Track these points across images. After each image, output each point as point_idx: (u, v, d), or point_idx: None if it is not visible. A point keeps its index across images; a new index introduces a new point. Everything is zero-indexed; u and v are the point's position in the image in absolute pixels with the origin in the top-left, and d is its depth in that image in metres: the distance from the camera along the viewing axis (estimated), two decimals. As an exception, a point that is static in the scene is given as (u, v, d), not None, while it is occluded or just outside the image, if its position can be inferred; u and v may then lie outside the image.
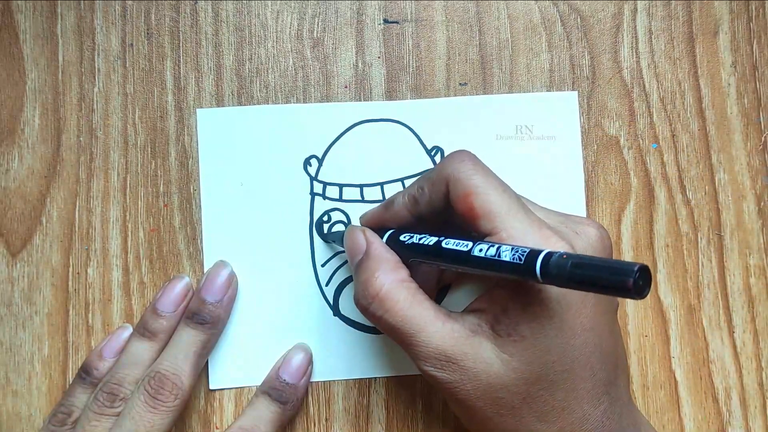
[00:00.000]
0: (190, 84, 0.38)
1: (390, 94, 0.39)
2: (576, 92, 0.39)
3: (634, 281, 0.22)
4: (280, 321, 0.37)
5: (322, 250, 0.38)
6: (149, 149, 0.38)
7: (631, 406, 0.31)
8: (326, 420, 0.37)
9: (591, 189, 0.38)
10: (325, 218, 0.38)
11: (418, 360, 0.29)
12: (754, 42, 0.40)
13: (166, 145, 0.38)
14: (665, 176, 0.39)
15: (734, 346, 0.38)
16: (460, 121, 0.38)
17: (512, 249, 0.26)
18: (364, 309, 0.31)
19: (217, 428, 0.37)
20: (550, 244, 0.27)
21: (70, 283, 0.37)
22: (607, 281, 0.23)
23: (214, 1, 0.39)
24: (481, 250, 0.27)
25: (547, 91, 0.39)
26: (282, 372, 0.36)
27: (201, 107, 0.38)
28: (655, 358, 0.38)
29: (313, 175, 0.38)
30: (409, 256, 0.31)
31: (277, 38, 0.39)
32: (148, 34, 0.38)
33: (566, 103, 0.39)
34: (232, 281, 0.36)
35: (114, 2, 0.38)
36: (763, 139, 0.39)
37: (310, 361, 0.36)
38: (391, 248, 0.32)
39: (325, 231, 0.37)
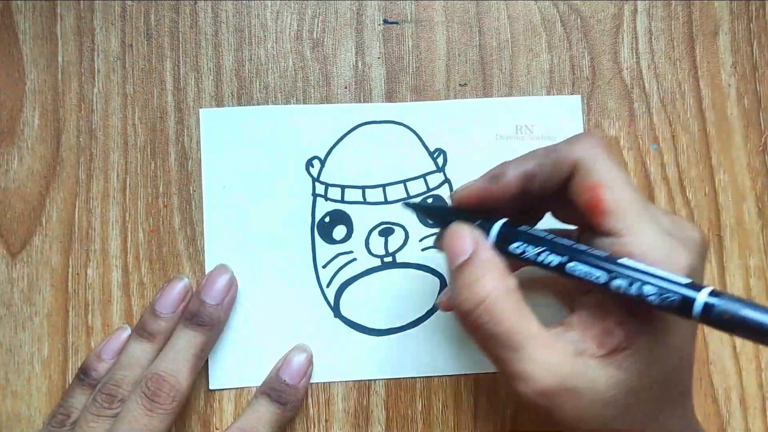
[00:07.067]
0: (189, 84, 0.38)
1: (390, 95, 0.38)
2: (579, 96, 0.39)
3: None
4: (281, 322, 0.37)
5: (323, 252, 0.37)
6: (149, 150, 0.38)
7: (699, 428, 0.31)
8: (326, 421, 0.37)
9: (591, 190, 0.38)
10: (327, 219, 0.38)
11: (515, 380, 0.27)
12: (755, 43, 0.40)
13: (165, 146, 0.38)
14: (665, 177, 0.39)
15: (734, 347, 0.38)
16: (461, 122, 0.38)
17: (659, 291, 0.25)
18: (466, 314, 0.28)
19: (216, 429, 0.37)
20: (674, 255, 0.26)
21: (69, 283, 0.37)
22: None
23: (213, 1, 0.39)
24: (619, 288, 0.26)
25: (547, 91, 0.39)
26: (282, 373, 0.36)
27: (201, 108, 0.38)
28: (655, 359, 0.38)
29: (315, 176, 0.38)
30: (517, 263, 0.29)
31: (276, 39, 0.39)
32: (147, 34, 0.38)
33: (570, 107, 0.39)
34: (231, 285, 0.36)
35: (114, 2, 0.38)
36: (763, 139, 0.39)
37: (310, 362, 0.36)
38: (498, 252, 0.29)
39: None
